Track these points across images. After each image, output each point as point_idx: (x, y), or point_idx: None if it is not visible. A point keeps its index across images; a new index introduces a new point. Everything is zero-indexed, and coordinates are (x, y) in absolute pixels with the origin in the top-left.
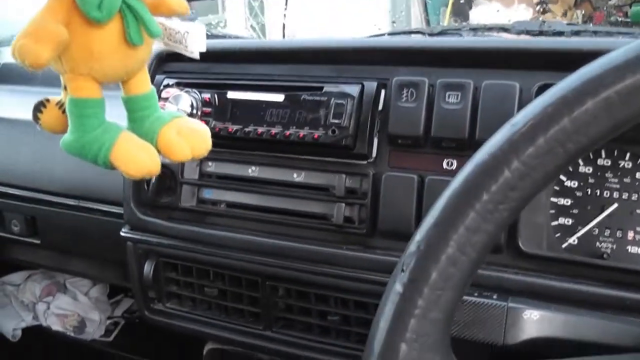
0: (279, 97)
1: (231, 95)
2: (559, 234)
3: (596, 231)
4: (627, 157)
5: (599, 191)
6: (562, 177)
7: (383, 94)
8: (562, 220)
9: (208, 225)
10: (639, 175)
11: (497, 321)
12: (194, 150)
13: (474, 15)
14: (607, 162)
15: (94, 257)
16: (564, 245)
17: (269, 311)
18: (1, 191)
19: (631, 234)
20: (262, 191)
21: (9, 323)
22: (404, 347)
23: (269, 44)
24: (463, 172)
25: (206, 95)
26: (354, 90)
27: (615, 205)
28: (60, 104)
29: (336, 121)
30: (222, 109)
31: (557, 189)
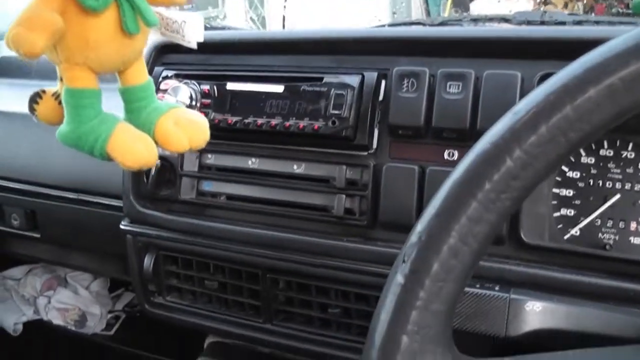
0: (278, 88)
1: (230, 86)
2: (561, 225)
3: (598, 222)
4: (629, 148)
5: (601, 182)
6: (564, 167)
7: (383, 84)
8: (564, 211)
9: (208, 218)
10: None
11: (500, 313)
12: (192, 141)
13: (474, 7)
14: (610, 153)
15: (94, 251)
16: (566, 237)
17: (270, 304)
18: (1, 185)
19: (634, 225)
20: (262, 183)
21: (10, 317)
22: (405, 339)
23: (269, 34)
24: (464, 162)
25: (205, 87)
26: (354, 80)
27: (618, 196)
28: (56, 95)
29: (336, 112)
30: (222, 101)
31: (559, 179)
